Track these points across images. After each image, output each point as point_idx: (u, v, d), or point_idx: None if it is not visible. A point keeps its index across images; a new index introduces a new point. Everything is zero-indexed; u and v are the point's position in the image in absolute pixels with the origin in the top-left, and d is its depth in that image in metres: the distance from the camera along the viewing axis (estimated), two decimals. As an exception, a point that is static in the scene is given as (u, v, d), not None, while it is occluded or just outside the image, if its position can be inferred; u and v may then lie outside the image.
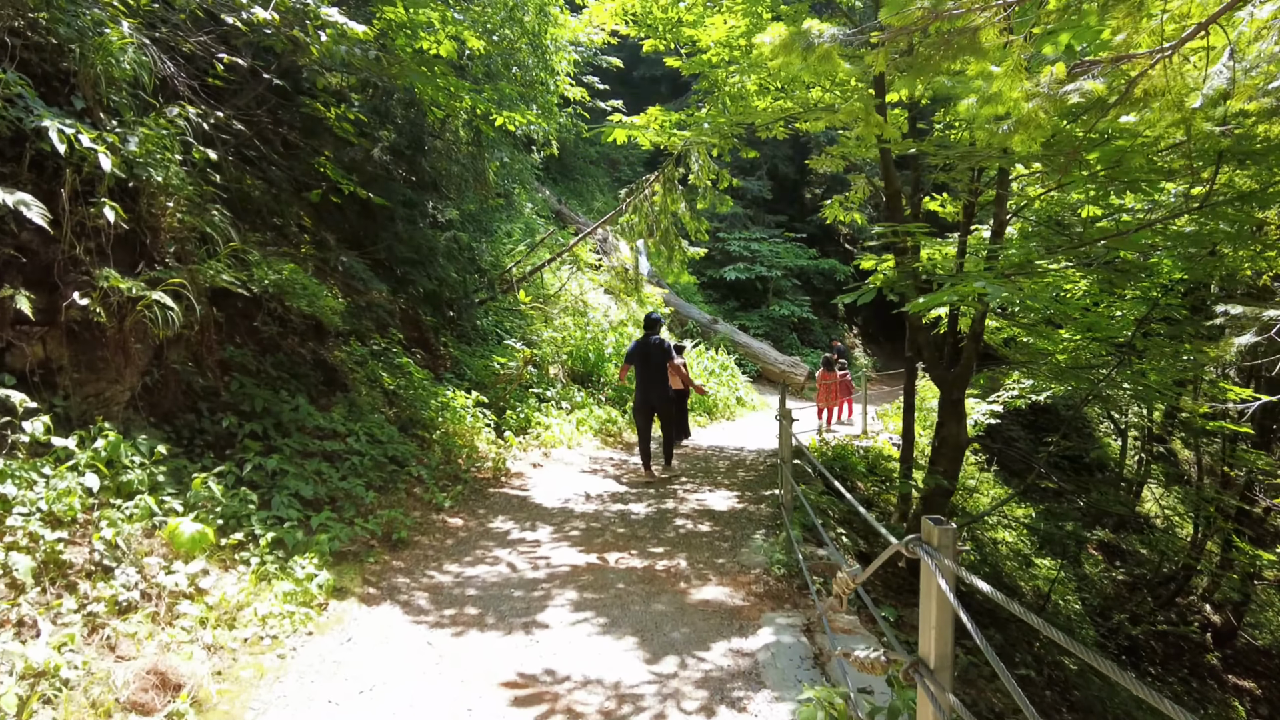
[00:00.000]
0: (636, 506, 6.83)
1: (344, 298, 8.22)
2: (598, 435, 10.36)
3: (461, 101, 8.41)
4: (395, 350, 8.36)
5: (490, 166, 10.93)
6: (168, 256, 4.40)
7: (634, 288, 11.81)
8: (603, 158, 25.43)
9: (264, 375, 6.04)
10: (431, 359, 9.80)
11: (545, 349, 11.45)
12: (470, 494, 6.96)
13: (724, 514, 6.59)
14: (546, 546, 5.62)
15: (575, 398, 10.93)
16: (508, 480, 7.67)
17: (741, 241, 21.60)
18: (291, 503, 4.89)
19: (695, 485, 7.83)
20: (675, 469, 8.80)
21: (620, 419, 11.09)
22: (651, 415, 8.22)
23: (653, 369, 8.02)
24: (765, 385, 17.86)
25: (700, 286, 21.59)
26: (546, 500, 6.99)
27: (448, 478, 7.06)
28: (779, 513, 6.38)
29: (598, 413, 10.80)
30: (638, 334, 13.32)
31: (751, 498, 7.23)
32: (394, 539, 5.41)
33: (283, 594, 3.98)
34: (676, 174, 11.23)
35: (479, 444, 8.13)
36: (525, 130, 12.08)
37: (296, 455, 5.48)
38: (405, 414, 7.62)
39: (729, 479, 8.24)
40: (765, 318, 21.12)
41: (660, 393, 8.09)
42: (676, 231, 11.58)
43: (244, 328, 6.24)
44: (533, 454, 8.74)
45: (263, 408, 5.51)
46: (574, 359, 12.04)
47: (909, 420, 9.15)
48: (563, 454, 9.04)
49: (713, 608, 4.44)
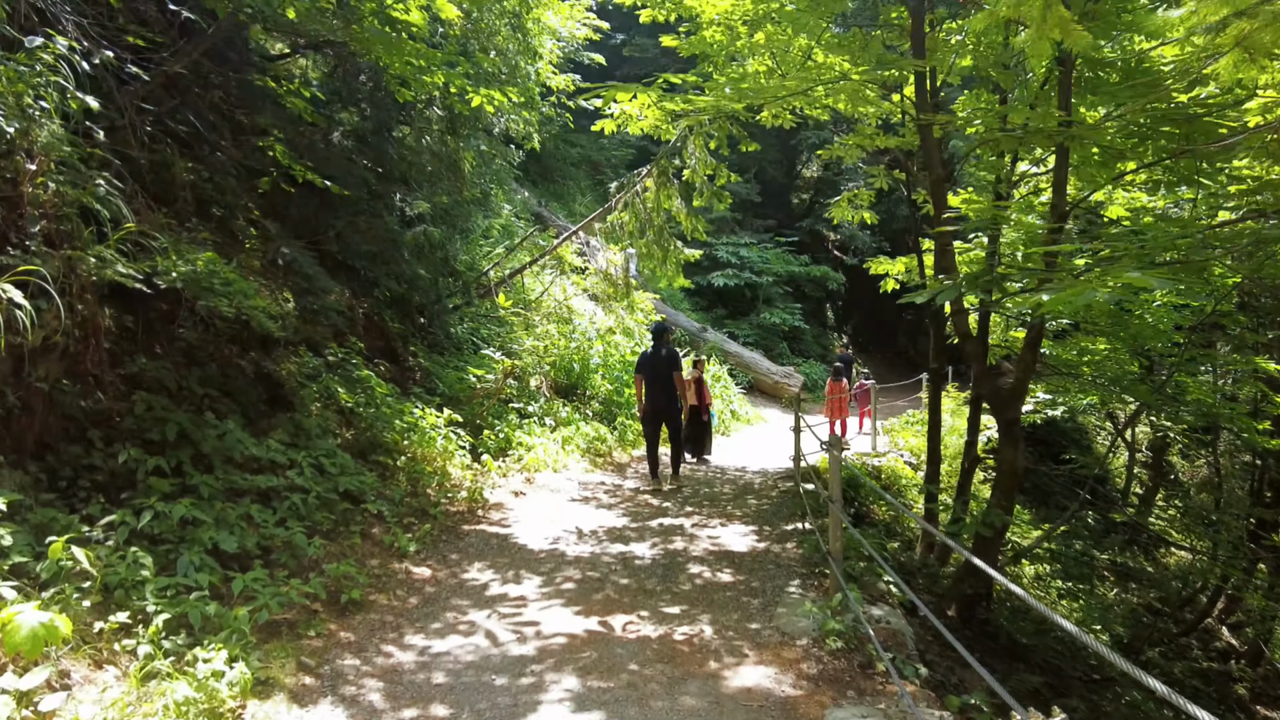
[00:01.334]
0: (640, 547, 5.76)
1: (296, 300, 7.12)
2: (585, 455, 9.28)
3: (433, 76, 7.33)
4: (355, 361, 7.24)
5: (465, 157, 9.84)
6: (31, 239, 3.28)
7: (624, 292, 10.78)
8: (584, 160, 24.41)
9: (186, 394, 4.90)
10: (398, 371, 8.69)
11: (526, 359, 10.37)
12: (441, 534, 5.85)
13: (745, 557, 5.55)
14: (535, 606, 4.54)
15: (560, 413, 9.86)
16: (485, 514, 6.56)
17: (730, 247, 20.66)
18: (205, 562, 3.76)
19: (703, 517, 6.79)
20: (682, 480, 8.47)
21: (609, 437, 10.03)
22: (660, 426, 8.17)
23: (660, 380, 7.95)
24: (758, 397, 16.90)
25: (687, 293, 20.60)
26: (532, 539, 5.90)
27: (414, 514, 5.95)
28: (812, 556, 5.36)
29: (585, 430, 9.73)
30: (625, 343, 12.30)
31: (772, 534, 6.20)
32: (343, 601, 4.29)
33: (176, 703, 2.86)
34: (672, 167, 10.24)
35: (452, 470, 7.02)
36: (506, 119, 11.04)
37: (220, 496, 4.35)
38: (364, 437, 6.49)
39: (739, 508, 7.20)
40: (755, 326, 20.19)
41: (668, 404, 7.99)
42: (671, 231, 10.58)
43: (165, 335, 5.10)
44: (514, 480, 7.64)
45: (177, 435, 4.38)
46: (557, 370, 10.97)
47: (934, 441, 8.19)
48: (548, 479, 7.94)
49: (758, 699, 3.38)
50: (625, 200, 10.50)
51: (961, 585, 6.07)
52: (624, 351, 12.03)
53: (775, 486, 8.26)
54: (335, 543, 4.93)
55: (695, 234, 10.15)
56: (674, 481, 8.27)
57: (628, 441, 10.34)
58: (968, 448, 8.36)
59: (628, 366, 11.87)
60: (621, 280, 10.70)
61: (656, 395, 7.94)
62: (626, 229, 10.52)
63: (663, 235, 10.24)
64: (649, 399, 7.98)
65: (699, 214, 10.37)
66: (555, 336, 11.24)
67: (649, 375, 7.96)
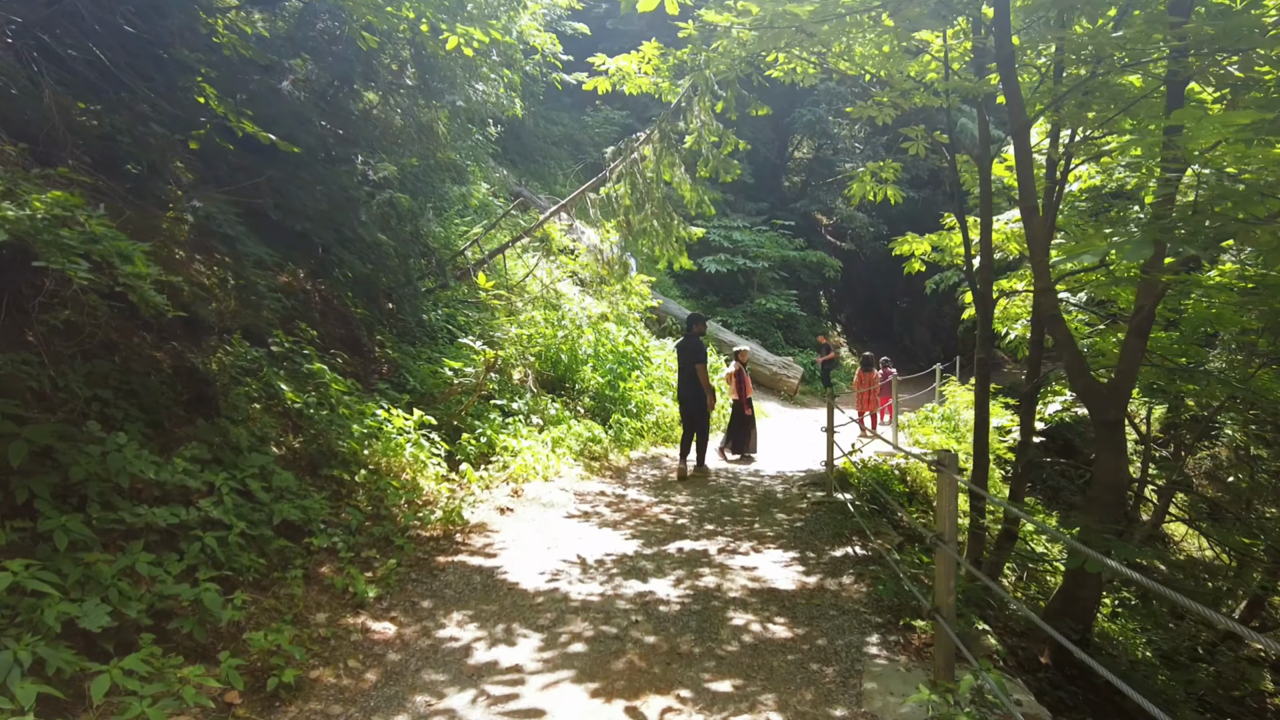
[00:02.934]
0: (661, 585, 4.59)
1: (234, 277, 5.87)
2: (579, 459, 8.10)
3: (401, 8, 6.07)
4: (307, 352, 6.00)
5: (440, 116, 8.56)
6: None
7: (618, 274, 9.59)
8: (566, 139, 23.09)
9: (61, 398, 3.64)
10: (362, 364, 7.46)
11: (510, 350, 9.15)
12: (410, 570, 4.64)
13: (796, 598, 4.41)
14: (535, 682, 3.36)
15: (548, 410, 8.66)
16: (466, 539, 5.36)
17: (722, 230, 19.48)
18: (50, 655, 2.54)
19: (729, 539, 5.64)
20: (707, 471, 8.42)
21: (604, 438, 8.85)
22: (689, 416, 8.28)
23: (684, 370, 8.19)
24: (755, 389, 15.78)
25: (677, 279, 19.43)
26: (524, 575, 4.71)
27: (376, 545, 4.74)
28: (886, 599, 4.23)
29: (577, 429, 8.54)
30: (619, 331, 11.11)
31: (820, 563, 5.06)
32: (271, 688, 3.08)
33: None
34: (674, 131, 9.04)
35: (424, 484, 5.81)
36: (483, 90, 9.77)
37: (94, 543, 3.12)
38: (314, 447, 5.26)
39: (768, 525, 6.07)
40: (749, 314, 19.07)
41: (691, 394, 8.13)
42: (673, 205, 9.39)
43: (34, 316, 3.82)
44: (499, 493, 6.44)
45: (31, 458, 3.13)
46: (543, 362, 9.76)
47: (982, 442, 7.10)
48: (538, 490, 6.74)
49: None
50: (621, 170, 9.29)
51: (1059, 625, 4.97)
52: (617, 341, 10.85)
53: (802, 496, 7.14)
54: (266, 595, 3.71)
55: (702, 208, 8.98)
56: (699, 470, 8.33)
57: (624, 443, 9.18)
58: (1021, 449, 7.32)
59: (621, 358, 10.70)
60: (616, 261, 9.51)
61: (682, 385, 8.27)
62: (622, 203, 9.32)
63: (664, 209, 9.06)
64: (679, 389, 8.32)
65: (705, 185, 9.19)
66: (541, 324, 10.03)
67: (679, 364, 8.23)
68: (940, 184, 20.78)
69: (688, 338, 8.23)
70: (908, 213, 22.34)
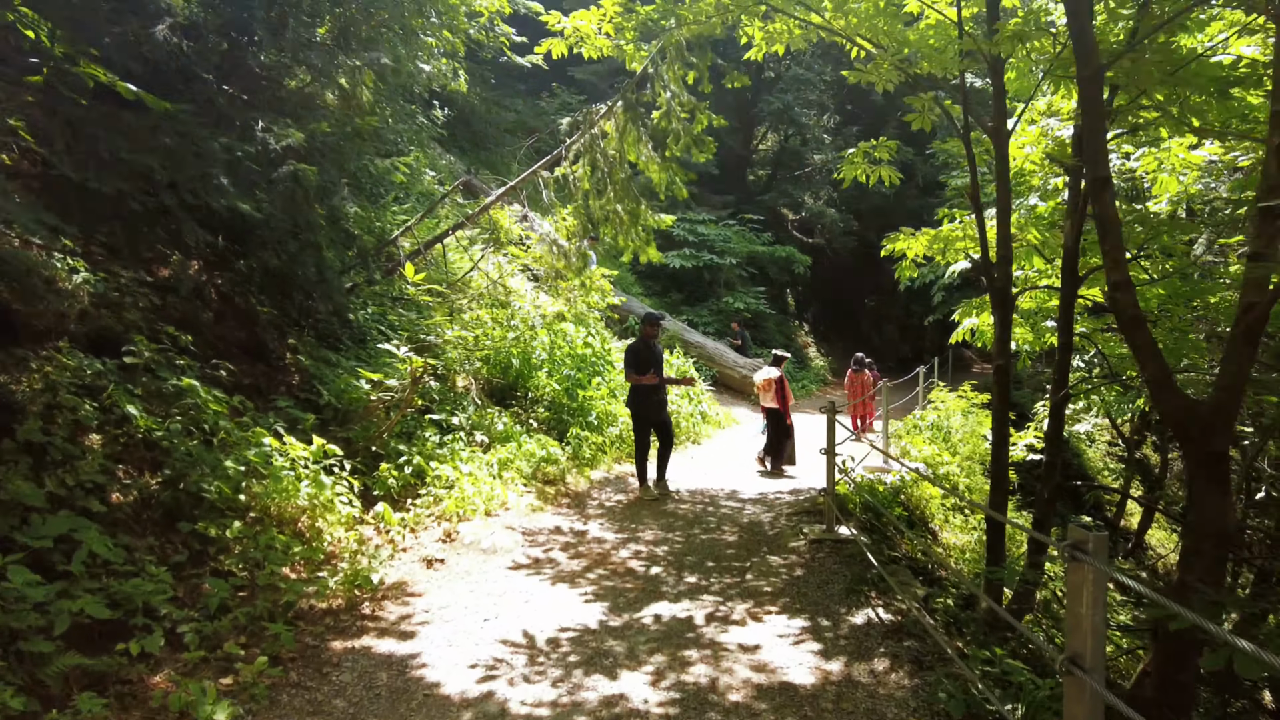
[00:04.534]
0: (635, 682, 3.40)
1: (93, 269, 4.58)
2: (531, 485, 6.86)
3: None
4: (182, 363, 4.68)
5: (365, 79, 7.22)
6: None
7: (577, 268, 8.37)
8: (520, 126, 21.70)
9: None
10: (267, 373, 6.14)
11: (452, 354, 7.87)
12: (291, 666, 3.37)
13: (818, 698, 3.25)
14: None
15: (495, 425, 7.41)
16: (376, 609, 4.09)
17: (686, 224, 18.33)
18: None
19: (717, 595, 4.47)
20: (669, 488, 7.44)
21: (561, 456, 7.62)
22: (649, 429, 7.21)
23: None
24: (724, 393, 14.70)
25: (639, 275, 18.23)
26: (449, 670, 3.47)
27: (244, 630, 3.45)
28: (930, 697, 3.09)
29: (529, 447, 7.30)
30: (577, 333, 9.89)
31: (838, 638, 3.91)
32: None
33: None
34: (640, 103, 7.85)
35: (327, 532, 4.53)
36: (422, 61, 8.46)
37: None
38: (168, 493, 3.94)
39: (761, 571, 4.92)
40: (716, 313, 17.96)
41: (657, 403, 7.18)
42: (638, 188, 8.20)
43: None
44: (427, 537, 5.18)
45: None
46: (491, 367, 8.50)
47: (1002, 460, 6.09)
48: (478, 530, 5.48)
49: None
50: (579, 148, 8.06)
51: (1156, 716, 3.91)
52: (575, 343, 9.63)
53: (795, 529, 6.01)
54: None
55: (673, 190, 7.80)
56: (660, 486, 7.32)
57: (584, 461, 7.96)
58: (1047, 472, 6.31)
59: (580, 362, 9.48)
60: (573, 252, 8.29)
61: (646, 395, 7.10)
62: (580, 185, 8.10)
63: (629, 192, 7.86)
64: (639, 400, 7.12)
65: (676, 166, 8.01)
66: (488, 324, 8.75)
67: (638, 372, 7.06)
68: (914, 178, 19.97)
69: (640, 340, 7.22)
70: (880, 208, 21.53)
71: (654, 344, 7.28)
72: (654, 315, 7.55)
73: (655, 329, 7.32)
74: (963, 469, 9.59)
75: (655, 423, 7.28)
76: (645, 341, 7.19)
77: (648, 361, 7.11)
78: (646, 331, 7.29)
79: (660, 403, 7.25)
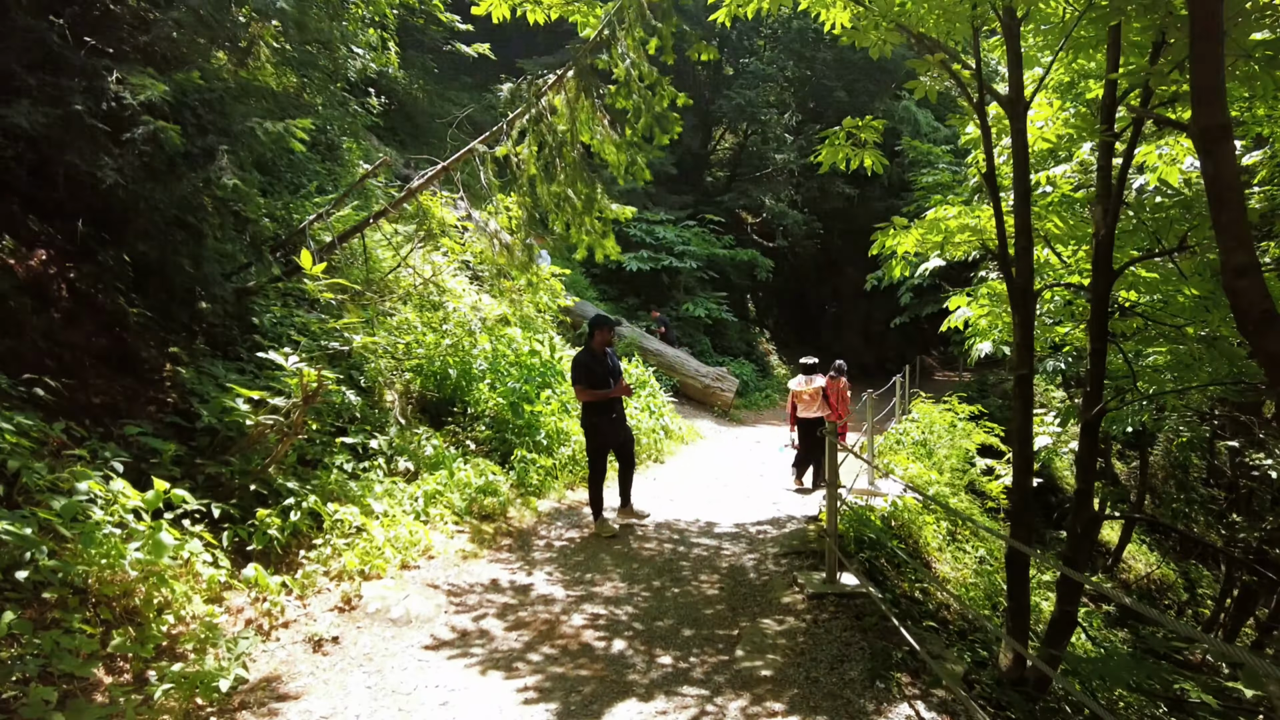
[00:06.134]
0: None
1: None
2: (464, 523, 5.67)
3: None
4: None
5: (265, 35, 5.96)
6: None
7: (522, 264, 7.21)
8: (467, 120, 20.40)
9: None
10: (132, 390, 4.90)
11: (378, 362, 6.66)
12: None
13: None
14: None
15: (424, 449, 6.21)
16: (225, 729, 2.88)
17: (643, 225, 17.27)
18: None
19: (703, 685, 3.36)
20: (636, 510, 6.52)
21: (503, 483, 6.45)
22: (607, 453, 6.28)
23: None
24: (686, 404, 13.65)
25: (594, 279, 17.09)
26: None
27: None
28: None
29: (465, 474, 6.11)
30: (524, 339, 8.71)
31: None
32: None
33: None
34: (595, 71, 6.75)
35: (176, 607, 3.29)
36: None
37: None
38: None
39: (755, 645, 3.83)
40: (674, 318, 16.92)
41: (617, 421, 6.20)
42: (593, 173, 7.09)
43: None
44: (320, 604, 3.96)
45: None
46: (424, 378, 7.30)
47: (1024, 483, 5.16)
48: (388, 593, 4.27)
49: None
50: (523, 124, 6.91)
51: None
52: (521, 350, 8.46)
53: (788, 578, 4.94)
54: None
55: (634, 173, 6.72)
56: (625, 514, 6.42)
57: (530, 489, 6.80)
58: (1081, 498, 5.37)
59: (527, 372, 8.30)
60: (518, 245, 7.13)
61: (602, 413, 6.10)
62: (526, 169, 6.96)
63: (581, 174, 6.74)
64: (592, 418, 6.11)
65: (636, 147, 6.93)
66: (420, 330, 7.54)
67: (588, 386, 6.07)
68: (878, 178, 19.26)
69: (586, 350, 6.23)
70: (843, 210, 20.81)
71: (609, 353, 6.32)
72: (605, 319, 6.51)
73: (609, 334, 6.31)
74: (952, 489, 8.69)
75: (615, 444, 6.21)
76: (595, 351, 6.19)
77: (603, 375, 6.05)
78: (598, 339, 6.23)
79: (620, 419, 6.28)
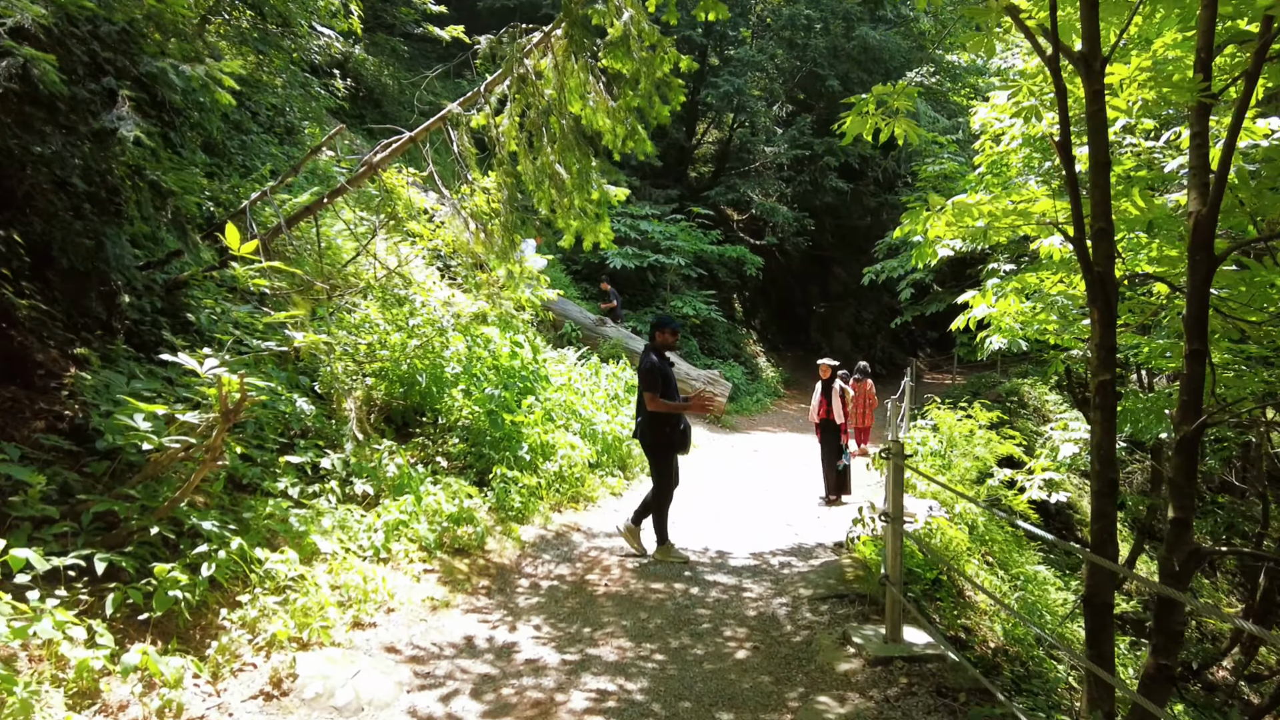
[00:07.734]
0: None
1: None
2: (434, 560, 4.70)
3: None
4: None
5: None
6: None
7: (502, 253, 6.25)
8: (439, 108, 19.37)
9: None
10: (13, 402, 3.91)
11: (334, 365, 5.68)
12: None
13: None
14: None
15: (387, 467, 5.22)
16: None
17: (628, 219, 16.32)
18: None
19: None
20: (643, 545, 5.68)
21: (480, 508, 5.48)
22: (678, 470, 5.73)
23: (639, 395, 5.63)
24: (676, 411, 12.74)
25: (576, 277, 16.11)
26: None
27: None
28: None
29: (435, 499, 5.13)
30: (503, 339, 7.72)
31: None
32: None
33: None
34: (586, 26, 5.79)
35: (34, 710, 2.30)
36: None
37: None
38: None
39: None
40: (661, 318, 16.04)
41: (685, 431, 5.63)
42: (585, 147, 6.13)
43: None
44: (241, 689, 2.97)
45: None
46: (389, 383, 6.30)
47: (1108, 504, 4.30)
48: (332, 668, 3.29)
49: None
50: (504, 90, 5.95)
51: None
52: (500, 352, 7.48)
53: (834, 632, 4.03)
54: None
55: (636, 144, 5.78)
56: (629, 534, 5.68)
57: (512, 514, 5.83)
58: (1178, 528, 4.53)
59: (508, 376, 7.33)
60: (497, 232, 6.17)
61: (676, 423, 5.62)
62: (506, 142, 6.01)
63: (572, 145, 5.80)
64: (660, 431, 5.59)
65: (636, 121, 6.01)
66: (383, 328, 6.54)
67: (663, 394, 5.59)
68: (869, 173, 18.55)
69: (654, 353, 5.65)
70: (834, 206, 20.03)
71: (646, 356, 5.70)
72: (668, 318, 5.98)
73: (673, 335, 5.77)
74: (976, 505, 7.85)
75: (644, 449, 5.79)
76: (664, 355, 5.69)
77: (673, 381, 5.63)
78: (660, 340, 5.70)
79: (688, 430, 5.73)
